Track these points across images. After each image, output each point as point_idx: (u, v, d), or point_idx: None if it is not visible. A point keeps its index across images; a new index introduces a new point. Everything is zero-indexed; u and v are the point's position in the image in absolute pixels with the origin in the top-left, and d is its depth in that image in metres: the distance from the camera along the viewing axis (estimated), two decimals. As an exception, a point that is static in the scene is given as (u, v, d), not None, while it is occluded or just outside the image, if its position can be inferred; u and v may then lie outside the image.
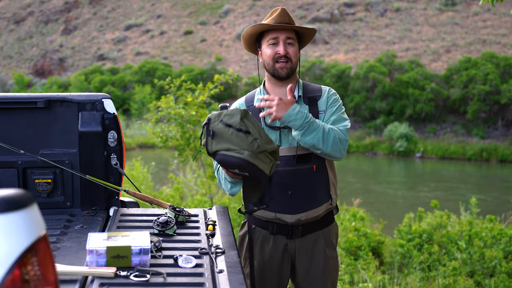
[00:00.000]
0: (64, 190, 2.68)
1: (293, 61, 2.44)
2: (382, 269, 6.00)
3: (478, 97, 24.52)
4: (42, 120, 2.67)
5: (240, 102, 2.60)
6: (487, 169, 21.31)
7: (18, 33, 49.40)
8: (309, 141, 2.30)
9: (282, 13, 2.44)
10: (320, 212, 2.47)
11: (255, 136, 2.10)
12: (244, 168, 2.09)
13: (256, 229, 2.54)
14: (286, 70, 2.43)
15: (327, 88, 2.55)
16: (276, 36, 2.43)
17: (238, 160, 2.07)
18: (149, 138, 22.66)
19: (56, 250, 2.05)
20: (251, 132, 2.10)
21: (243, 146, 2.07)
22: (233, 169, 2.13)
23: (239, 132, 2.08)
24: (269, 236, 2.50)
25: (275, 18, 2.43)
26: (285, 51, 2.41)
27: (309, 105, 2.48)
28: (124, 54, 40.78)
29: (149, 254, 1.84)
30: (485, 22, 34.24)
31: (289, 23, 2.43)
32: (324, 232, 2.53)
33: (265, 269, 2.51)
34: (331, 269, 2.54)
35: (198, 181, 9.02)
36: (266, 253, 2.50)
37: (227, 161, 2.10)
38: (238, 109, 2.12)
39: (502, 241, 6.01)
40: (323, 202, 2.46)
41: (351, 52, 33.62)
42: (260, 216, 2.51)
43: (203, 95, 6.93)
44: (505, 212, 8.18)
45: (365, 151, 24.16)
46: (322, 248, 2.51)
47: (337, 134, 2.35)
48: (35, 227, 1.06)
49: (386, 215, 10.06)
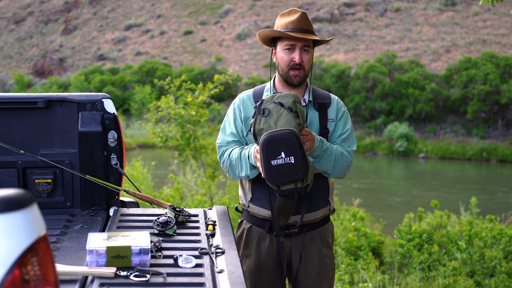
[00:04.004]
0: (64, 190, 2.68)
1: (306, 69, 2.43)
2: (382, 269, 6.00)
3: (478, 97, 24.52)
4: (42, 120, 2.67)
5: (247, 93, 2.57)
6: (487, 169, 21.31)
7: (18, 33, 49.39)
8: (321, 168, 2.40)
9: (302, 18, 2.40)
10: (318, 216, 2.50)
11: (300, 121, 2.19)
12: (291, 143, 2.11)
13: (253, 228, 2.55)
14: (299, 78, 2.43)
15: (336, 98, 2.58)
16: (294, 44, 2.40)
17: (288, 132, 2.12)
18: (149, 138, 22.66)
19: (56, 250, 2.05)
20: (299, 116, 2.18)
21: (289, 126, 2.15)
22: (279, 151, 2.12)
23: (289, 112, 2.17)
24: (265, 235, 2.51)
25: (295, 23, 2.39)
26: (300, 59, 2.39)
27: (319, 111, 2.48)
28: (124, 54, 40.78)
29: (149, 254, 1.84)
30: (485, 22, 34.24)
31: (308, 29, 2.40)
32: (320, 232, 2.54)
33: (261, 267, 2.52)
34: (328, 268, 2.55)
35: (198, 181, 9.02)
36: (262, 252, 2.51)
37: (275, 136, 2.12)
38: (292, 94, 2.21)
39: (502, 241, 6.01)
40: (321, 207, 2.49)
41: (351, 52, 33.62)
42: (256, 214, 2.51)
43: (203, 95, 6.93)
44: (505, 212, 8.18)
45: (365, 151, 24.15)
46: (318, 247, 2.52)
47: (346, 159, 2.46)
48: (35, 227, 1.06)
49: (386, 215, 10.06)
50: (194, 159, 7.58)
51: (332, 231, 2.64)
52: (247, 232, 2.56)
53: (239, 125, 2.49)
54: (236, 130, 2.50)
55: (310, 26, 2.42)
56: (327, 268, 2.54)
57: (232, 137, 2.50)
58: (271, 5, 41.52)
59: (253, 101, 2.51)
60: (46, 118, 2.67)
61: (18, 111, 2.67)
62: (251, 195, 2.51)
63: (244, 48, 37.00)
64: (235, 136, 2.50)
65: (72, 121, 2.66)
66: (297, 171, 2.13)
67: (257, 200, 2.49)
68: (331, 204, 2.56)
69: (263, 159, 2.15)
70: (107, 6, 49.21)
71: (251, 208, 2.52)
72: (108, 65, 38.42)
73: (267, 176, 2.17)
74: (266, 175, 2.17)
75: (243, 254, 2.54)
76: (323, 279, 2.52)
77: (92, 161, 2.62)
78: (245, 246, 2.55)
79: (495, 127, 25.10)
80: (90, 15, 48.49)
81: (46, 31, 48.08)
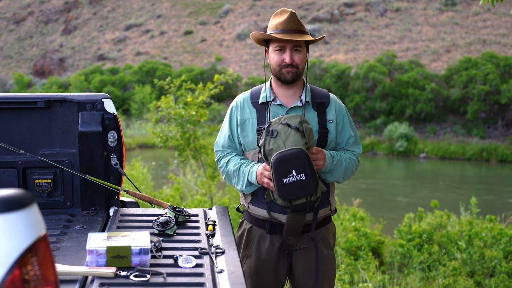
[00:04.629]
0: (64, 190, 2.68)
1: (299, 67, 2.43)
2: (382, 269, 6.00)
3: (478, 97, 24.52)
4: (42, 120, 2.67)
5: (245, 95, 2.58)
6: (487, 169, 21.31)
7: (18, 33, 49.38)
8: (332, 179, 2.48)
9: (290, 19, 2.39)
10: (318, 216, 2.50)
11: (308, 141, 2.30)
12: (301, 161, 2.22)
13: (253, 228, 2.55)
14: (292, 74, 2.42)
15: (335, 98, 2.58)
16: (283, 45, 2.40)
17: (297, 150, 2.22)
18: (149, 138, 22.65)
19: (56, 250, 2.05)
20: (306, 136, 2.29)
21: (298, 145, 2.25)
22: (290, 169, 2.22)
23: (296, 132, 2.27)
24: (266, 235, 2.51)
25: (284, 24, 2.38)
26: (291, 59, 2.40)
27: (318, 112, 2.48)
28: (124, 54, 40.77)
29: (149, 254, 1.83)
30: (485, 22, 34.23)
31: (297, 29, 2.38)
32: (321, 232, 2.53)
33: (262, 268, 2.51)
34: (328, 269, 2.54)
35: (198, 181, 9.02)
36: (262, 252, 2.51)
37: (285, 156, 2.23)
38: (298, 114, 2.33)
39: (502, 241, 6.01)
40: (321, 207, 2.48)
41: (351, 52, 33.61)
42: (256, 215, 2.52)
43: (203, 95, 6.93)
44: (505, 212, 8.18)
45: (365, 151, 24.15)
46: (319, 249, 2.51)
47: (353, 164, 2.54)
48: (35, 227, 1.06)
49: (386, 215, 10.06)
50: (194, 159, 7.58)
51: (334, 231, 2.64)
52: (247, 233, 2.56)
53: (234, 128, 2.54)
54: (231, 133, 2.54)
55: (299, 25, 2.40)
56: (328, 269, 2.54)
57: (228, 142, 2.55)
58: (271, 5, 41.50)
59: (250, 102, 2.52)
60: (46, 118, 2.67)
61: (18, 111, 2.67)
62: (251, 196, 2.53)
63: (244, 48, 37.00)
64: (231, 141, 2.55)
65: (72, 121, 2.66)
66: (309, 187, 2.25)
67: (257, 201, 2.50)
68: (332, 204, 2.56)
69: (276, 178, 2.25)
70: (107, 6, 49.20)
71: (251, 209, 2.53)
72: (108, 65, 38.41)
73: (279, 193, 2.27)
74: (279, 193, 2.28)
75: (244, 254, 2.54)
76: (324, 280, 2.52)
77: (92, 161, 2.62)
78: (245, 247, 2.56)
79: (495, 127, 25.09)
80: (90, 15, 48.49)
81: (46, 31, 48.07)
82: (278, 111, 2.46)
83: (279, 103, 2.47)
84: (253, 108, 2.50)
